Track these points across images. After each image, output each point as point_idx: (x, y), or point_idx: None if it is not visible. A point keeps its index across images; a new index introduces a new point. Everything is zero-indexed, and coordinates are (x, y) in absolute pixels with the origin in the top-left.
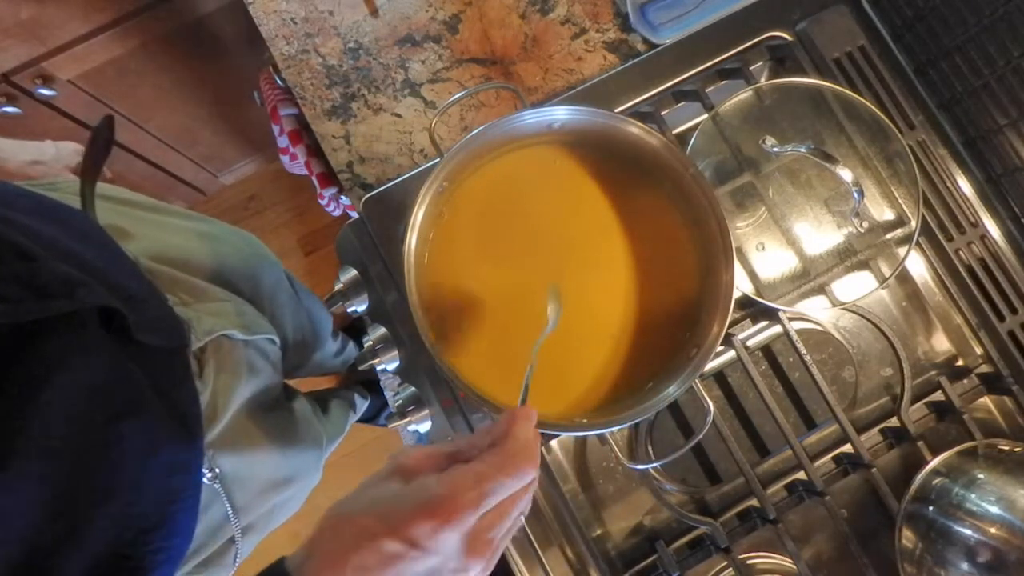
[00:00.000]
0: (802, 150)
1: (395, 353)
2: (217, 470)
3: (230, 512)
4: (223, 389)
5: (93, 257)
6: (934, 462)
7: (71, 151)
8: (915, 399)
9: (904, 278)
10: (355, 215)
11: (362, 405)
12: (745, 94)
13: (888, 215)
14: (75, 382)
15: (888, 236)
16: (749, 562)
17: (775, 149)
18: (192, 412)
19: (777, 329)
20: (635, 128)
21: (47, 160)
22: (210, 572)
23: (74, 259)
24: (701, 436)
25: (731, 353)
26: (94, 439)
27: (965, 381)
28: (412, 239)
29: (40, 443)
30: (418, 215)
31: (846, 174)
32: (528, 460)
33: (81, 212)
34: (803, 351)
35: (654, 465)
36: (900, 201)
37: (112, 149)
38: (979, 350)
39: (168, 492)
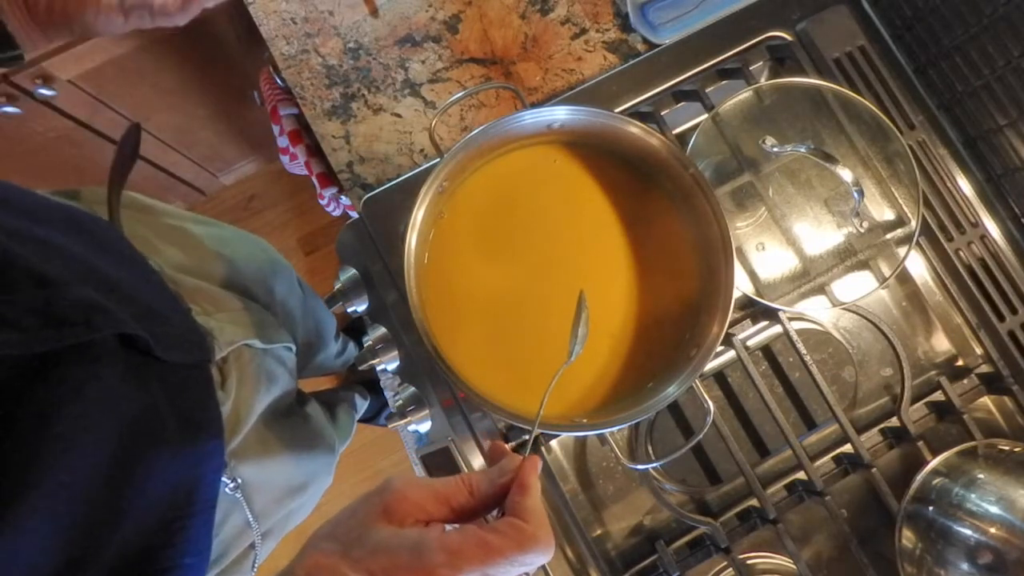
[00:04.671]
0: (802, 150)
1: (395, 353)
2: (239, 480)
3: (251, 519)
4: (245, 399)
5: (117, 272)
6: (934, 462)
7: None
8: (915, 399)
9: (904, 278)
10: (355, 215)
11: (362, 405)
12: (745, 94)
13: (888, 215)
14: (90, 411)
15: (888, 236)
16: (749, 562)
17: (775, 149)
18: (214, 429)
19: (777, 329)
20: (635, 128)
21: None
22: None
23: (97, 276)
24: (701, 436)
25: (731, 353)
26: (108, 467)
27: (965, 381)
28: (412, 239)
29: (52, 474)
30: (418, 215)
31: (846, 174)
32: (546, 543)
33: (107, 223)
34: (803, 351)
35: (654, 465)
36: (900, 201)
37: (137, 158)
38: (979, 350)
39: (181, 511)
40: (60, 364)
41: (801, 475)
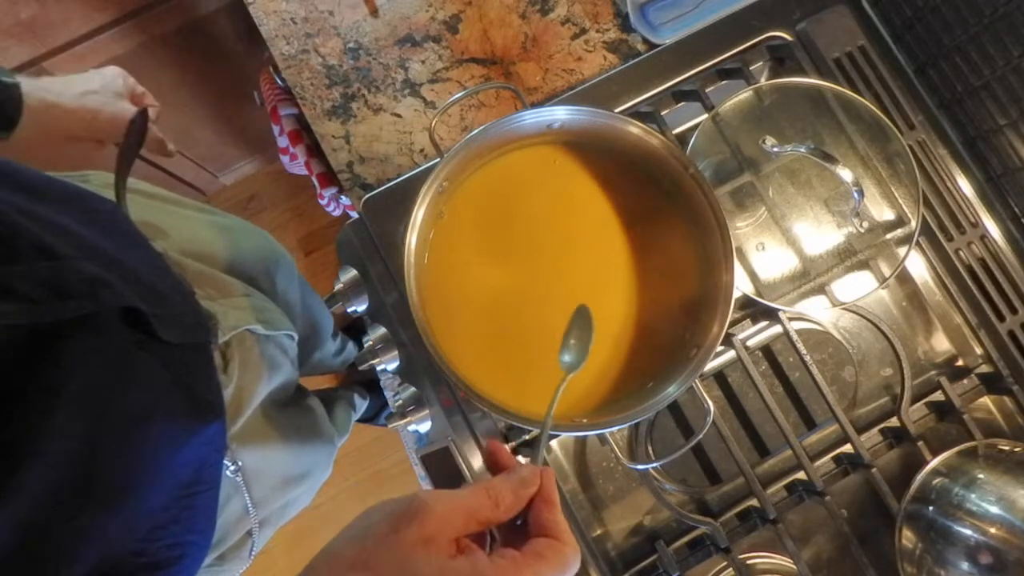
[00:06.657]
0: (802, 150)
1: (395, 353)
2: (240, 463)
3: (249, 505)
4: (247, 384)
5: (120, 253)
6: (934, 462)
7: (114, 74)
8: (915, 399)
9: (904, 278)
10: (355, 215)
11: (362, 405)
12: (745, 94)
13: (888, 215)
14: (93, 383)
15: (888, 236)
16: (749, 562)
17: (775, 149)
18: (217, 408)
19: (777, 329)
20: (635, 128)
21: (97, 89)
22: (228, 564)
23: (101, 255)
24: (701, 436)
25: (731, 353)
26: (111, 440)
27: (965, 381)
28: (412, 239)
29: (55, 445)
30: (418, 215)
31: (846, 174)
32: (578, 557)
33: (113, 204)
34: (803, 351)
35: (654, 465)
36: (900, 201)
37: (143, 143)
38: (979, 350)
39: (186, 489)
40: (63, 336)
41: (801, 475)
